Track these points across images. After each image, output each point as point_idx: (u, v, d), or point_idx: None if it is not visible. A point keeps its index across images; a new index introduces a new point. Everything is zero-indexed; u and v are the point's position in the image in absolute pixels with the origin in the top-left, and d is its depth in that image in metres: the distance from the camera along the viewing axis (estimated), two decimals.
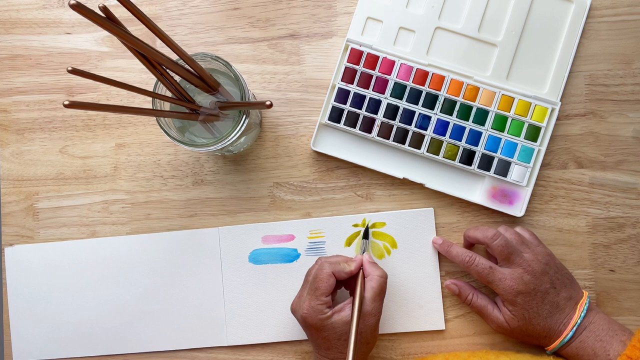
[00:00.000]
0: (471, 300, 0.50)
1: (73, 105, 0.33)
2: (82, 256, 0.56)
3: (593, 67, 0.54)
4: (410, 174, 0.54)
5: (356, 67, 0.53)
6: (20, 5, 0.57)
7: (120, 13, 0.37)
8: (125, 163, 0.56)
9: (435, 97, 0.53)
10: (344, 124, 0.53)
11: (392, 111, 0.53)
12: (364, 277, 0.48)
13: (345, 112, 0.53)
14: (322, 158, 0.55)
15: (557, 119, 0.53)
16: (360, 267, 0.49)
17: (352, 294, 0.48)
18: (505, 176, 0.53)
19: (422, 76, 0.53)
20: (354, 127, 0.53)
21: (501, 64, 0.54)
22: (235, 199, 0.55)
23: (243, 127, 0.44)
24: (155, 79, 0.43)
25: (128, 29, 0.36)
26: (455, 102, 0.53)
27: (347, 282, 0.50)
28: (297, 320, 0.49)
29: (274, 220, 0.55)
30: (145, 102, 0.56)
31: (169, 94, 0.45)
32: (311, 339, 0.48)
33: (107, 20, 0.34)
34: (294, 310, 0.48)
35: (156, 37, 0.38)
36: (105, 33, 0.56)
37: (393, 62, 0.53)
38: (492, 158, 0.53)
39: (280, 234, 0.54)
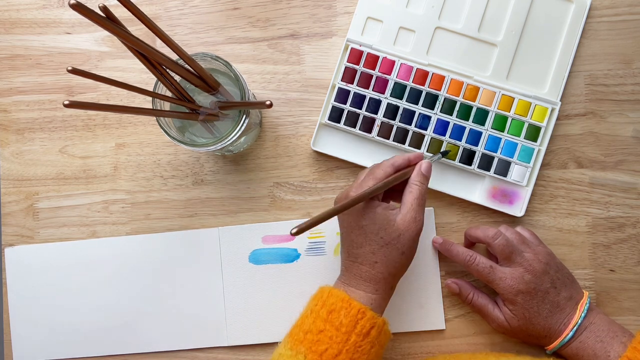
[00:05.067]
0: (472, 299, 0.50)
1: (73, 105, 0.33)
2: (82, 256, 0.55)
3: (593, 67, 0.54)
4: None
5: (356, 67, 0.53)
6: (20, 5, 0.57)
7: (120, 13, 0.37)
8: (125, 163, 0.56)
9: (435, 97, 0.53)
10: (344, 124, 0.53)
11: (392, 111, 0.53)
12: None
13: (345, 112, 0.53)
14: (322, 158, 0.55)
15: (557, 118, 0.53)
16: (420, 157, 0.47)
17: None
18: (505, 176, 0.53)
19: (422, 76, 0.53)
20: (354, 127, 0.53)
21: (501, 64, 0.54)
22: (235, 199, 0.55)
23: (243, 127, 0.44)
24: (155, 79, 0.43)
25: (128, 29, 0.36)
26: (455, 102, 0.53)
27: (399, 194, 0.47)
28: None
29: (274, 220, 0.55)
30: (145, 102, 0.56)
31: (169, 94, 0.45)
32: (344, 236, 0.46)
33: (107, 20, 0.34)
34: (337, 199, 0.46)
35: (156, 37, 0.38)
36: (105, 33, 0.56)
37: (393, 62, 0.53)
38: (492, 158, 0.53)
39: (280, 234, 0.54)
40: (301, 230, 0.38)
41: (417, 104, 0.53)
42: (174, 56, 0.41)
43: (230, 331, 0.54)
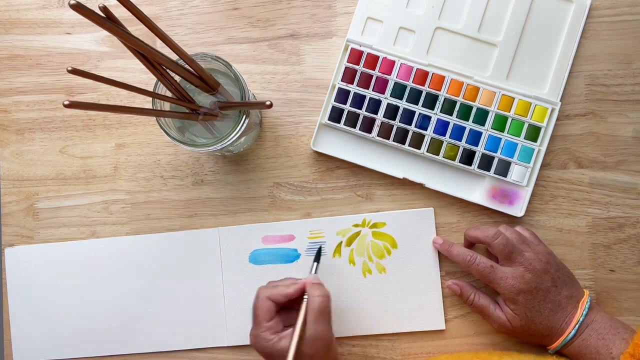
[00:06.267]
0: (473, 300, 0.50)
1: (73, 105, 0.33)
2: (82, 256, 0.56)
3: (593, 67, 0.54)
4: (410, 174, 0.54)
5: (356, 67, 0.53)
6: (20, 5, 0.57)
7: (120, 13, 0.37)
8: (125, 163, 0.56)
9: (435, 97, 0.53)
10: (344, 124, 0.53)
11: (392, 111, 0.53)
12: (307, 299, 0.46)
13: (345, 112, 0.53)
14: (322, 158, 0.55)
15: (557, 119, 0.53)
16: (301, 290, 0.46)
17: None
18: (505, 176, 0.53)
19: (422, 76, 0.53)
20: (354, 127, 0.53)
21: (501, 64, 0.54)
22: (235, 199, 0.55)
23: (243, 127, 0.44)
24: (155, 79, 0.43)
25: (128, 29, 0.36)
26: (455, 102, 0.53)
27: (296, 304, 0.47)
28: None
29: (274, 220, 0.55)
30: (145, 102, 0.56)
31: (169, 94, 0.45)
32: None
33: (107, 20, 0.34)
34: (252, 345, 0.47)
35: (156, 37, 0.38)
36: (105, 33, 0.56)
37: (393, 62, 0.53)
38: (492, 158, 0.53)
39: (281, 234, 0.54)
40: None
41: (417, 104, 0.53)
42: (174, 56, 0.41)
43: (230, 331, 0.54)
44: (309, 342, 0.43)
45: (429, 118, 0.53)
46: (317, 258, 0.52)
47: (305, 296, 0.46)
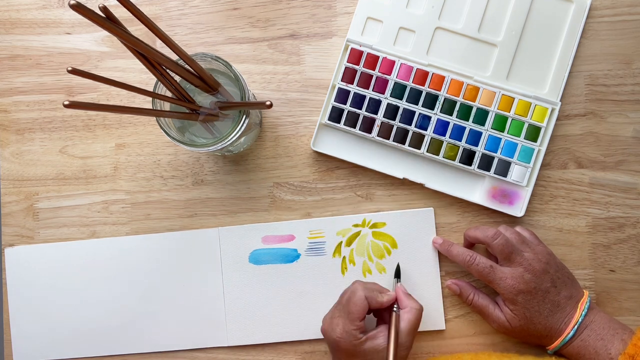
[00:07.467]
0: (472, 300, 0.50)
1: (73, 105, 0.33)
2: (82, 256, 0.56)
3: (593, 67, 0.54)
4: (410, 174, 0.54)
5: (356, 67, 0.53)
6: (20, 5, 0.57)
7: (120, 13, 0.37)
8: (125, 163, 0.56)
9: (435, 97, 0.53)
10: (344, 124, 0.53)
11: (392, 111, 0.53)
12: (398, 309, 0.48)
13: (345, 112, 0.53)
14: (322, 158, 0.55)
15: (557, 119, 0.53)
16: (393, 301, 0.48)
17: (388, 324, 0.47)
18: (505, 176, 0.53)
19: (422, 76, 0.53)
20: (354, 127, 0.53)
21: (501, 64, 0.54)
22: (235, 199, 0.55)
23: (243, 127, 0.44)
24: (155, 79, 0.43)
25: (128, 29, 0.36)
26: (455, 102, 0.53)
27: (376, 310, 0.49)
28: (326, 342, 0.48)
29: (274, 220, 0.55)
30: (145, 102, 0.56)
31: (169, 94, 0.45)
32: None
33: (107, 20, 0.34)
34: (325, 332, 0.48)
35: (156, 37, 0.38)
36: (105, 33, 0.56)
37: (393, 62, 0.53)
38: (492, 158, 0.53)
39: (281, 234, 0.54)
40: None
41: (417, 104, 0.53)
42: (174, 56, 0.41)
43: (230, 331, 0.54)
44: (399, 349, 0.45)
45: (429, 118, 0.53)
46: (398, 274, 0.53)
47: (395, 306, 0.48)
